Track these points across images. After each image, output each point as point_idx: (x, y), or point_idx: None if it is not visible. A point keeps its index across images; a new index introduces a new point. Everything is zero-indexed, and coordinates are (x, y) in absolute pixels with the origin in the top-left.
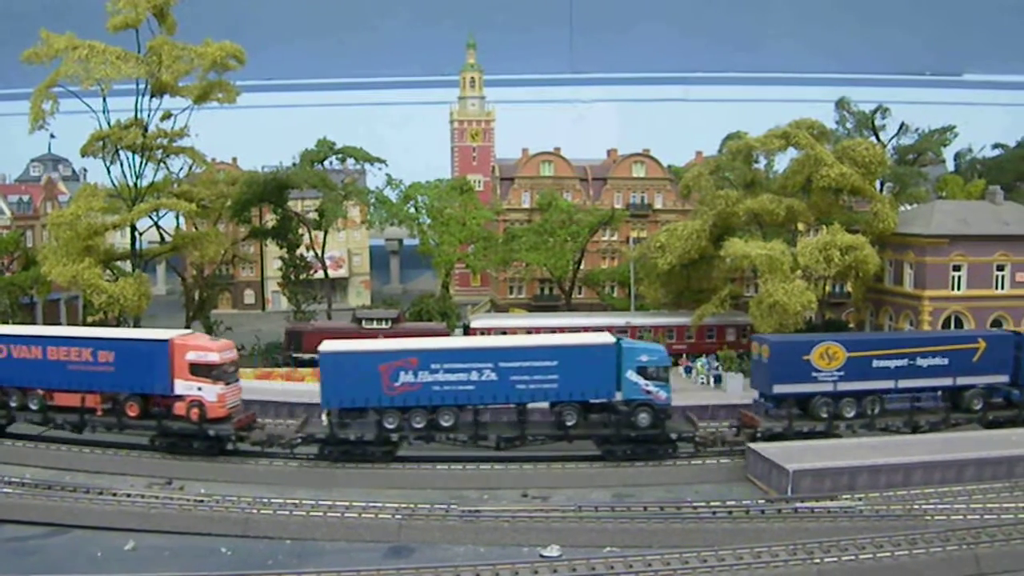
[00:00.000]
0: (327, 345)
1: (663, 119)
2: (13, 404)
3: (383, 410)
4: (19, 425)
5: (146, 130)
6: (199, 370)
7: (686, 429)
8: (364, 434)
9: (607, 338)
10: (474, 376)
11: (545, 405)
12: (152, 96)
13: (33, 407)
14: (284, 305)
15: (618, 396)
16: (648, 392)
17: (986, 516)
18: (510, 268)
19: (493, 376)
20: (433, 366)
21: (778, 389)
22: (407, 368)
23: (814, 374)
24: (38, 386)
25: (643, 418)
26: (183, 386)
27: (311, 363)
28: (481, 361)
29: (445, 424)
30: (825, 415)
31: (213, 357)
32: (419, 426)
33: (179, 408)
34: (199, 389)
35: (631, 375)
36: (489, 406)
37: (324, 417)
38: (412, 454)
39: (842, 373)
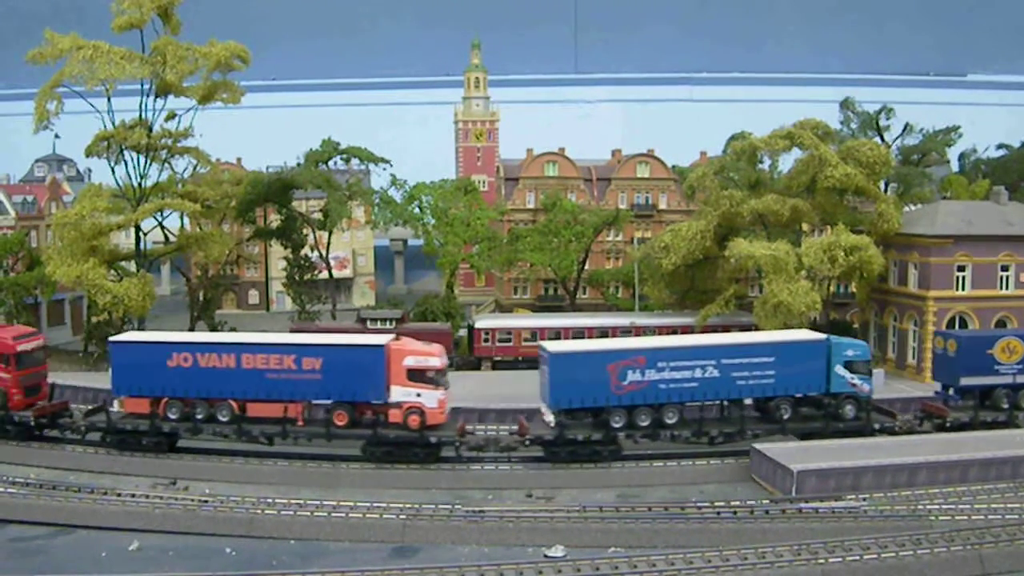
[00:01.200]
0: (555, 345)
1: (667, 119)
2: (199, 416)
3: (611, 409)
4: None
5: (150, 130)
6: (418, 375)
7: (886, 419)
8: (592, 434)
9: (817, 334)
10: (698, 373)
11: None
12: (157, 96)
13: (223, 419)
14: (288, 305)
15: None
16: (854, 385)
17: (991, 516)
18: (514, 268)
19: (716, 373)
20: (660, 364)
21: (965, 381)
22: (635, 367)
23: (996, 367)
24: (230, 396)
25: (849, 409)
26: (400, 392)
27: None
28: (705, 358)
29: (669, 421)
30: (1006, 405)
31: (435, 362)
32: (644, 424)
33: (394, 415)
34: (418, 395)
35: (839, 369)
36: (709, 402)
37: (550, 417)
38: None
39: (1021, 366)
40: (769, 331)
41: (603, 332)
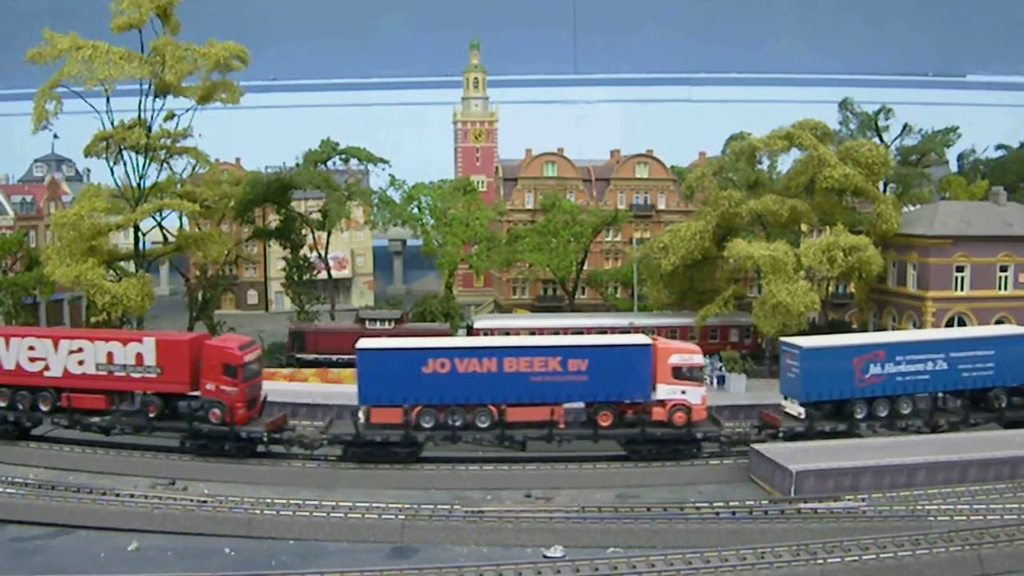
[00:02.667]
0: (807, 341)
1: (667, 120)
2: (456, 423)
3: (854, 401)
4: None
5: (150, 130)
6: (682, 373)
7: None
8: (837, 425)
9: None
10: (929, 366)
11: None
12: (156, 96)
13: (482, 425)
14: (287, 306)
15: None
16: None
17: (989, 517)
18: (513, 269)
19: (944, 365)
20: (897, 358)
21: None
22: (876, 360)
23: None
24: (489, 402)
25: None
26: (665, 390)
27: (314, 363)
28: (936, 352)
29: (904, 412)
30: None
31: (697, 360)
32: (883, 415)
33: (658, 413)
34: (683, 392)
35: None
36: (938, 393)
37: (799, 409)
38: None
39: None
40: (984, 327)
41: (601, 332)
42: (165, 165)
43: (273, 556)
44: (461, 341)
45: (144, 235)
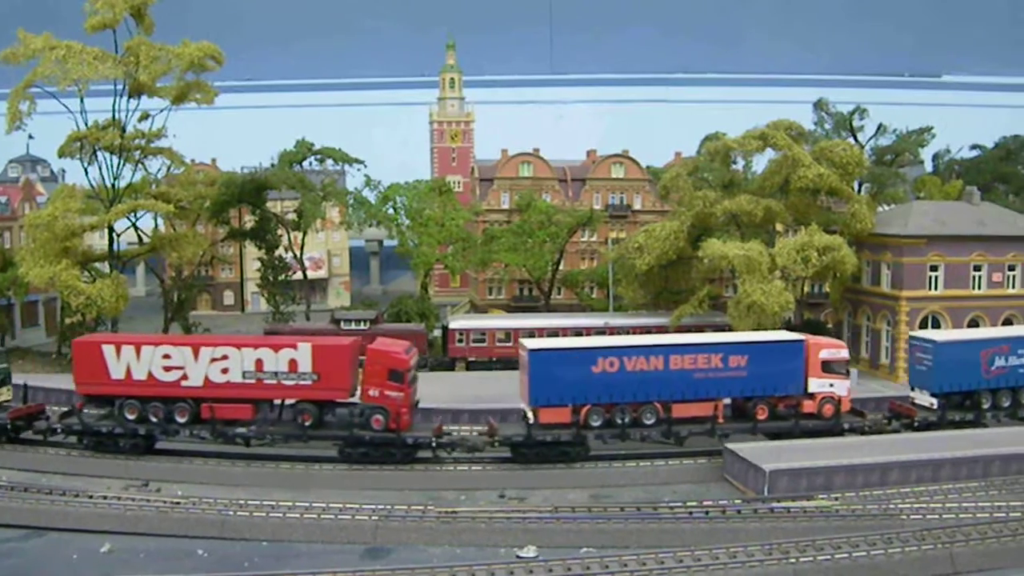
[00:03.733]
0: (941, 335)
1: (643, 120)
2: (623, 420)
3: (981, 392)
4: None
5: (124, 131)
6: (831, 367)
7: None
8: (965, 415)
9: None
10: None
11: None
12: (130, 97)
13: (648, 421)
14: (264, 307)
15: None
16: None
17: (961, 515)
18: (489, 269)
19: None
20: (1020, 351)
21: None
22: (1001, 353)
23: None
24: (655, 399)
25: None
26: (815, 384)
27: None
28: None
29: None
30: None
31: (844, 354)
32: (1007, 405)
33: (808, 406)
34: (831, 385)
35: None
36: None
37: (932, 401)
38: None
39: None
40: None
41: (577, 332)
42: (140, 166)
43: (246, 557)
44: (629, 340)
45: (119, 236)
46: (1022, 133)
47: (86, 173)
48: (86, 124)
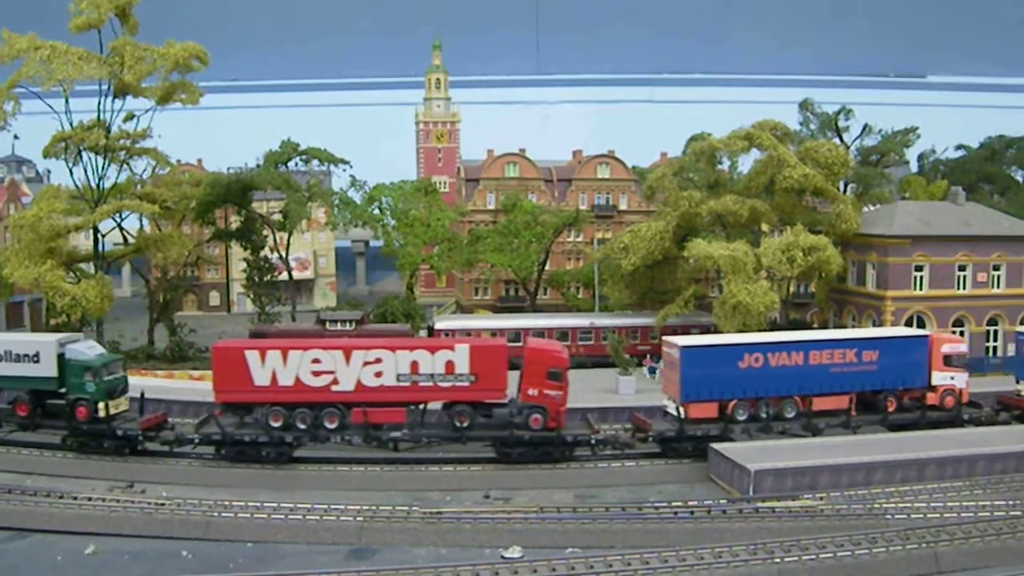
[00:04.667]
0: None
1: (629, 120)
2: (767, 413)
3: None
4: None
5: (109, 131)
6: (952, 361)
7: None
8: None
9: None
10: None
11: None
12: (115, 97)
13: (789, 415)
14: (250, 307)
15: None
16: None
17: (946, 515)
18: (475, 269)
19: None
20: None
21: None
22: None
23: None
24: (796, 393)
25: None
26: (938, 377)
27: None
28: None
29: None
30: None
31: (963, 348)
32: None
33: (931, 398)
34: (951, 378)
35: None
36: None
37: None
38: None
39: None
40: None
41: (563, 333)
42: (125, 166)
43: (231, 559)
44: (772, 336)
45: (104, 236)
46: (1007, 133)
47: (71, 174)
48: (71, 124)
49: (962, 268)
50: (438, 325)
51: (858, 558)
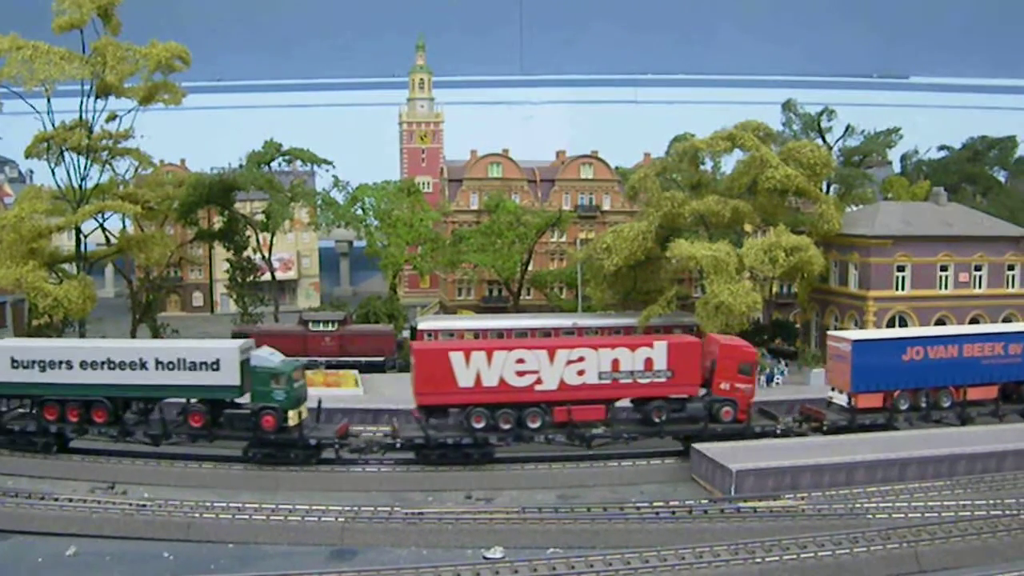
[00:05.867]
0: None
1: (612, 121)
2: (927, 403)
3: None
4: None
5: (91, 131)
6: None
7: None
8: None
9: None
10: None
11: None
12: (97, 97)
13: (945, 404)
14: (233, 308)
15: None
16: None
17: (927, 514)
18: (458, 270)
19: None
20: None
21: None
22: None
23: None
24: (950, 384)
25: None
26: None
27: None
28: None
29: None
30: None
31: None
32: None
33: None
34: None
35: None
36: None
37: None
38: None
39: None
40: None
41: (546, 333)
42: (107, 166)
43: (212, 560)
44: (930, 331)
45: (86, 237)
46: (990, 134)
47: (53, 174)
48: (53, 124)
49: (944, 268)
50: (421, 326)
51: (839, 558)
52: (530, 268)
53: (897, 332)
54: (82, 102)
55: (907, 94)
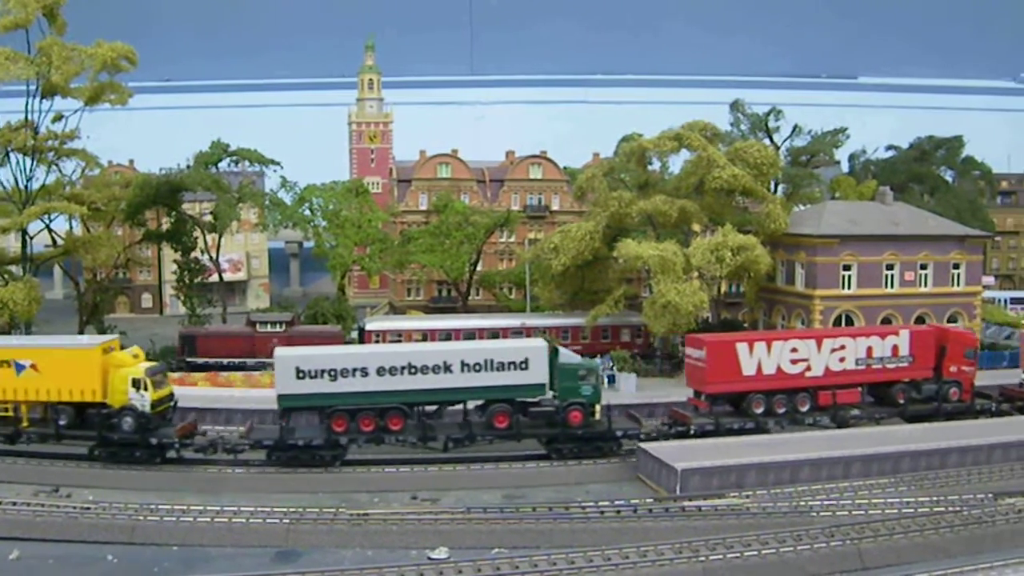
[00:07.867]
0: None
1: (562, 121)
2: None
3: None
4: None
5: (37, 132)
6: None
7: None
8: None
9: None
10: None
11: None
12: (43, 97)
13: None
14: (182, 309)
15: None
16: None
17: (871, 512)
18: (407, 270)
19: None
20: None
21: None
22: None
23: None
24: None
25: None
26: None
27: (204, 367)
28: None
29: None
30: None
31: None
32: None
33: None
34: None
35: None
36: None
37: None
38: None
39: None
40: None
41: (494, 333)
42: (53, 167)
43: (156, 562)
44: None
45: (32, 238)
46: (937, 133)
47: None
48: None
49: (890, 267)
50: (369, 327)
51: (783, 556)
52: (479, 268)
53: None
54: (28, 102)
55: (856, 94)
